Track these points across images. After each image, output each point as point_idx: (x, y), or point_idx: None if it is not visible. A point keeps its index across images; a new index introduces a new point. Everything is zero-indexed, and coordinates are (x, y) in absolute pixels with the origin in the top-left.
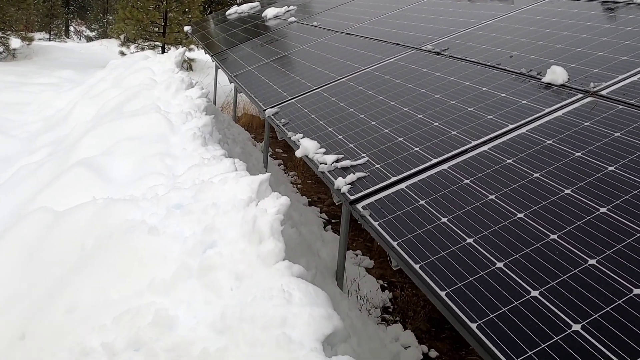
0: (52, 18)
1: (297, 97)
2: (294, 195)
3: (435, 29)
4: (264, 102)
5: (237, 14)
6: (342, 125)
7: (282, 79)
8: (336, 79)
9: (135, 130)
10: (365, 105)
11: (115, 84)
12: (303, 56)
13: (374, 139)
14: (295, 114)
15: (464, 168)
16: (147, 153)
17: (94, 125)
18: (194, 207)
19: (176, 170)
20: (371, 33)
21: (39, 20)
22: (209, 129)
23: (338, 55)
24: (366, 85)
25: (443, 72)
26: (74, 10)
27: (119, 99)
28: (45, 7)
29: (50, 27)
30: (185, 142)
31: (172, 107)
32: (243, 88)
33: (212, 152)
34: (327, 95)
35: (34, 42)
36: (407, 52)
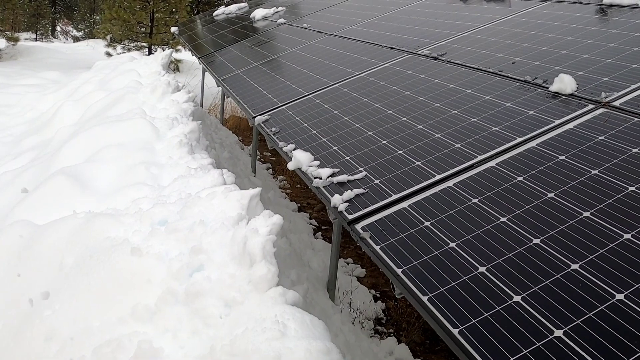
0: (39, 18)
1: (288, 103)
2: (283, 201)
3: (431, 33)
4: (253, 108)
5: (224, 14)
6: (336, 135)
7: (272, 83)
8: (329, 84)
9: (119, 136)
10: (361, 113)
11: (101, 86)
12: (293, 59)
13: (371, 151)
14: (286, 121)
15: (471, 186)
16: (131, 161)
17: (78, 130)
18: (180, 225)
19: (161, 179)
20: (364, 36)
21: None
22: (196, 135)
23: (330, 59)
24: (361, 92)
25: (442, 79)
26: (61, 10)
27: (103, 103)
28: (31, 7)
29: (37, 27)
30: (171, 149)
31: (157, 111)
32: (231, 93)
33: (199, 161)
34: (319, 102)
35: (20, 42)
36: (403, 57)
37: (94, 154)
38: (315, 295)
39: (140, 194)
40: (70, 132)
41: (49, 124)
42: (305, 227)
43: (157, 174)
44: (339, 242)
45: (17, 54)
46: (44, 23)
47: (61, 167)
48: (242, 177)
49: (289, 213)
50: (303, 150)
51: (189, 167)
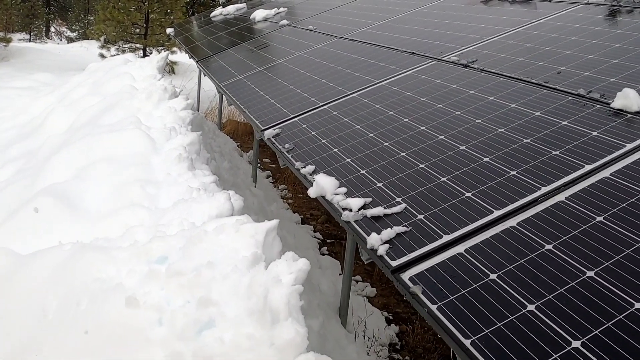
0: (33, 18)
1: (301, 115)
2: (286, 213)
3: (455, 37)
4: (261, 120)
5: (222, 15)
6: (362, 155)
7: (281, 91)
8: (345, 93)
9: (112, 149)
10: (388, 129)
11: (93, 90)
12: (302, 64)
13: (408, 177)
14: (300, 136)
15: (540, 226)
16: (125, 178)
17: (68, 139)
18: (183, 266)
19: (159, 200)
20: (378, 39)
21: (19, 20)
22: (196, 147)
23: (344, 65)
24: (384, 104)
25: (478, 90)
26: (55, 10)
27: (95, 109)
28: (25, 8)
29: (31, 27)
30: (169, 164)
31: (153, 119)
32: (235, 101)
33: (201, 178)
34: (337, 115)
35: (12, 43)
36: (427, 63)
37: (83, 168)
38: (327, 324)
39: (136, 219)
40: (60, 141)
41: (38, 131)
42: (310, 241)
43: (154, 194)
44: (352, 267)
45: (9, 55)
46: (37, 24)
47: (47, 185)
48: (243, 189)
49: (293, 227)
50: (324, 173)
51: (190, 186)
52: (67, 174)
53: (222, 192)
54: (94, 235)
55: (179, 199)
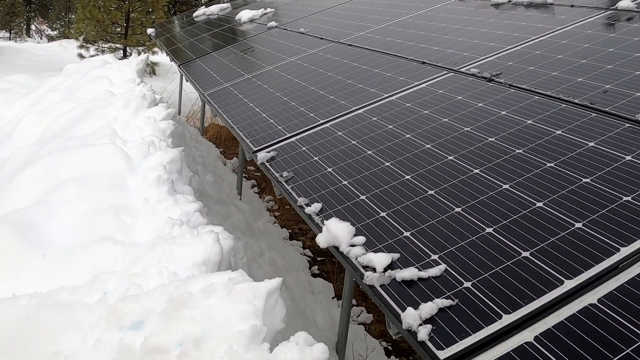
0: (13, 16)
1: (300, 134)
2: (273, 229)
3: (469, 44)
4: (253, 138)
5: (205, 15)
6: (380, 191)
7: (273, 104)
8: (350, 109)
9: (83, 167)
10: (409, 157)
11: (68, 95)
12: (296, 72)
13: (443, 225)
14: (300, 162)
15: (624, 302)
16: (96, 204)
17: (37, 151)
18: (163, 340)
19: (135, 233)
20: (379, 45)
21: None
22: (177, 165)
23: (344, 74)
24: (398, 124)
25: (511, 111)
26: (36, 8)
27: (68, 117)
28: (5, 5)
29: (11, 26)
30: (147, 187)
31: (131, 130)
32: (221, 114)
33: (184, 206)
34: (342, 136)
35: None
36: (442, 75)
37: (50, 191)
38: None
39: (107, 258)
40: (29, 153)
41: (8, 139)
42: (300, 260)
43: (130, 224)
44: (350, 302)
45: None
46: (18, 22)
47: (7, 213)
48: (227, 204)
49: (282, 245)
50: (334, 212)
51: (170, 217)
52: (31, 198)
53: (209, 230)
54: (57, 280)
55: (157, 236)
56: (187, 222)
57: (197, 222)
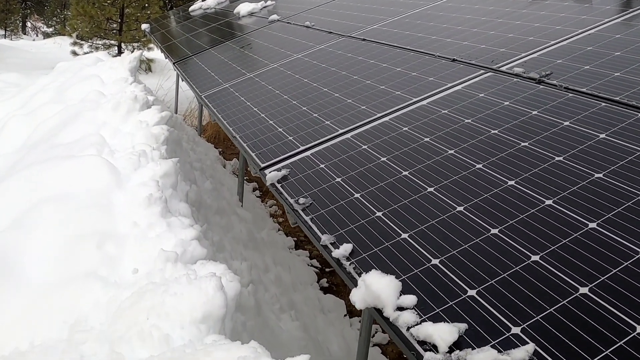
0: (8, 14)
1: (315, 146)
2: (278, 238)
3: (505, 39)
4: (260, 152)
5: (202, 9)
6: (426, 226)
7: (281, 108)
8: (373, 115)
9: (64, 182)
10: (456, 180)
11: (57, 95)
12: (304, 71)
13: (524, 284)
14: (320, 183)
15: None
16: (78, 229)
17: (19, 160)
18: None
19: (121, 267)
20: (398, 40)
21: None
22: (172, 179)
23: (361, 74)
24: (437, 135)
25: (575, 121)
26: (31, 5)
27: (54, 122)
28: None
29: (6, 23)
30: (136, 207)
31: (121, 136)
32: (221, 120)
33: (179, 233)
34: (369, 150)
35: None
36: (479, 75)
37: (26, 211)
38: None
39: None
40: (11, 162)
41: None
42: (308, 274)
43: (115, 256)
44: (369, 337)
45: None
46: (13, 19)
47: None
48: (228, 213)
49: (287, 257)
50: (370, 257)
51: (163, 249)
52: (5, 220)
53: (210, 275)
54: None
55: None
56: (183, 254)
57: (195, 253)
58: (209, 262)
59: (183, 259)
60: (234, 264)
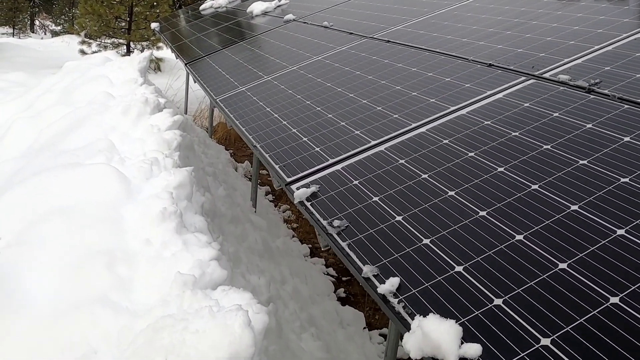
0: (16, 12)
1: (346, 159)
2: (293, 245)
3: (543, 43)
4: (285, 165)
5: (212, 8)
6: (483, 258)
7: (305, 116)
8: (407, 125)
9: (71, 194)
10: (511, 204)
11: (64, 97)
12: (326, 74)
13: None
14: (355, 203)
15: None
16: (85, 247)
17: (22, 168)
18: None
19: (133, 291)
20: (425, 42)
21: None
22: (187, 190)
23: (388, 78)
24: (481, 150)
25: (636, 136)
26: (40, 3)
27: (61, 126)
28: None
29: (14, 21)
30: (149, 223)
31: (131, 142)
32: (240, 128)
33: (196, 252)
34: (407, 165)
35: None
36: (520, 83)
37: (29, 226)
38: None
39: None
40: (14, 169)
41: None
42: (325, 284)
43: (127, 279)
44: None
45: None
46: (22, 17)
47: None
48: (243, 221)
49: (303, 266)
50: (422, 294)
51: (180, 272)
52: (6, 235)
53: (235, 308)
54: None
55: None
56: (202, 276)
57: (215, 276)
58: (232, 290)
59: (201, 282)
60: (252, 279)
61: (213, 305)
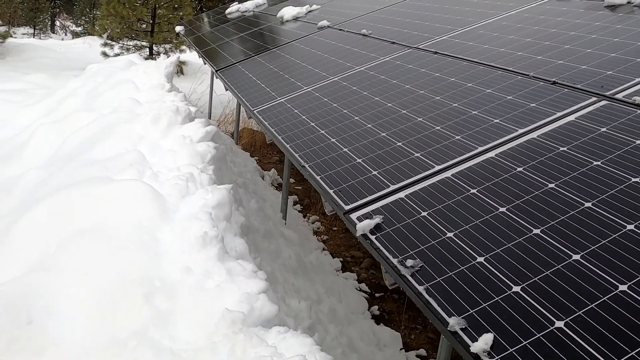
0: (37, 12)
1: (409, 186)
2: (325, 260)
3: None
4: (342, 190)
5: (239, 12)
6: (585, 312)
7: (356, 134)
8: (473, 149)
9: (101, 212)
10: (609, 248)
11: (88, 102)
12: (372, 87)
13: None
14: (427, 238)
15: None
16: (120, 276)
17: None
18: None
19: (174, 327)
20: (477, 55)
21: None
22: (226, 210)
23: (442, 94)
24: (562, 181)
25: None
26: (61, 4)
27: (86, 134)
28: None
29: (35, 21)
30: (188, 248)
31: (162, 154)
32: (284, 144)
33: (242, 284)
34: (479, 195)
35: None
36: (591, 104)
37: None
38: None
39: None
40: (38, 179)
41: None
42: (359, 301)
43: (166, 312)
44: None
45: (5, 52)
46: (42, 18)
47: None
48: (275, 236)
49: (337, 283)
50: (521, 354)
51: (228, 309)
52: (31, 256)
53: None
54: None
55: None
56: (250, 312)
57: (264, 311)
58: (290, 333)
59: (251, 319)
60: (292, 303)
61: (273, 355)
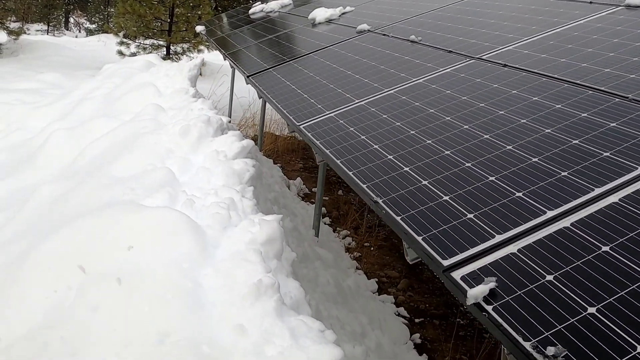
0: (51, 9)
1: (519, 237)
2: (360, 282)
3: None
4: (433, 239)
5: (263, 12)
6: None
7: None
8: (592, 191)
9: (130, 253)
10: None
11: (106, 106)
12: (438, 104)
13: None
14: (562, 313)
15: None
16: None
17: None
18: None
19: None
20: (553, 69)
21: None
22: (277, 247)
23: (527, 116)
24: None
25: None
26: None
27: (106, 144)
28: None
29: (49, 18)
30: (239, 300)
31: (193, 172)
32: (345, 172)
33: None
34: (612, 254)
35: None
36: None
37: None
38: None
39: None
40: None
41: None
42: (400, 329)
43: None
44: None
45: (18, 50)
46: (56, 14)
47: None
48: (312, 259)
49: (376, 309)
50: None
51: None
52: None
53: None
54: None
55: None
56: None
57: None
58: None
59: None
60: (347, 348)
61: None
